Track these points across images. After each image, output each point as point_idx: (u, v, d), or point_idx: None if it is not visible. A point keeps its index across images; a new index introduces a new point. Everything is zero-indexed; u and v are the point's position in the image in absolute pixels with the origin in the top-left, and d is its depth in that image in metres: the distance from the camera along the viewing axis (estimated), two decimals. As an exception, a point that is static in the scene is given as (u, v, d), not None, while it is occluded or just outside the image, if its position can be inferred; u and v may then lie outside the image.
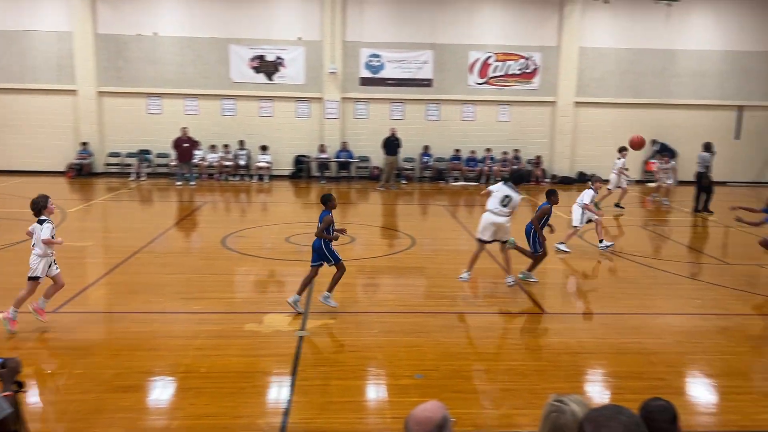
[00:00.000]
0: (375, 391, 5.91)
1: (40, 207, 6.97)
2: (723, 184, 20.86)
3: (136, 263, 10.11)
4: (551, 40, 21.53)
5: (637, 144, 12.84)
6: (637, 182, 21.95)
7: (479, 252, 9.10)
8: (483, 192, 9.24)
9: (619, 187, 16.18)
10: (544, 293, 9.17)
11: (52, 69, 20.67)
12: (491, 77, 21.68)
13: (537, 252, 9.17)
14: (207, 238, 12.56)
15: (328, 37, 20.94)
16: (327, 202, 8.10)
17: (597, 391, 6.02)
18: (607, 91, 21.89)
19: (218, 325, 7.39)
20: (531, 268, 9.32)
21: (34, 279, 6.96)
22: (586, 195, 11.41)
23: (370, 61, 21.35)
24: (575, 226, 11.52)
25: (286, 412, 5.31)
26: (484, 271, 10.16)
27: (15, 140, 20.84)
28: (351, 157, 21.21)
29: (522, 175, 8.75)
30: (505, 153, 21.67)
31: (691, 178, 21.48)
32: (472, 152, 21.64)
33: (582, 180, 21.75)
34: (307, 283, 7.98)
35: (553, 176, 21.92)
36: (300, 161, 21.54)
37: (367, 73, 21.44)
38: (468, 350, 6.84)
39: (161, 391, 5.76)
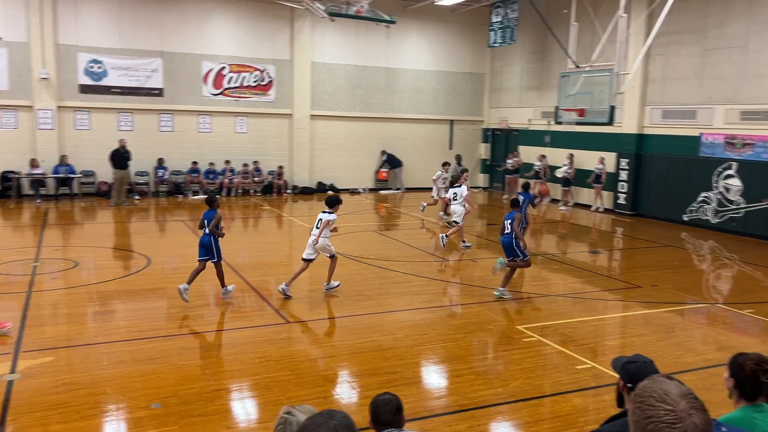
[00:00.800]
0: (105, 430, 5.35)
1: None
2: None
3: None
4: (284, 54, 22.01)
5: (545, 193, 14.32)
6: (371, 190, 23.55)
7: (303, 270, 9.41)
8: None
9: (440, 197, 16.61)
10: (287, 303, 9.26)
11: None
12: (226, 88, 21.38)
13: (526, 257, 9.49)
14: None
15: (36, 39, 18.59)
16: (213, 202, 8.99)
17: (340, 393, 6.23)
18: (339, 105, 23.10)
19: None
20: (505, 283, 9.54)
21: None
22: (464, 190, 13.28)
23: (91, 67, 19.50)
24: (457, 222, 13.07)
25: (-9, 474, 4.52)
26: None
27: None
28: (72, 172, 19.10)
29: (334, 199, 9.41)
30: (245, 165, 21.53)
31: (414, 185, 23.77)
32: (211, 164, 21.07)
33: (322, 190, 22.59)
34: (196, 275, 8.81)
35: (295, 187, 22.40)
36: (7, 178, 18.74)
37: (87, 80, 19.53)
38: (210, 370, 6.58)
39: None
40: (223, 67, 21.19)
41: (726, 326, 8.88)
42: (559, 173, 20.34)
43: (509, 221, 9.41)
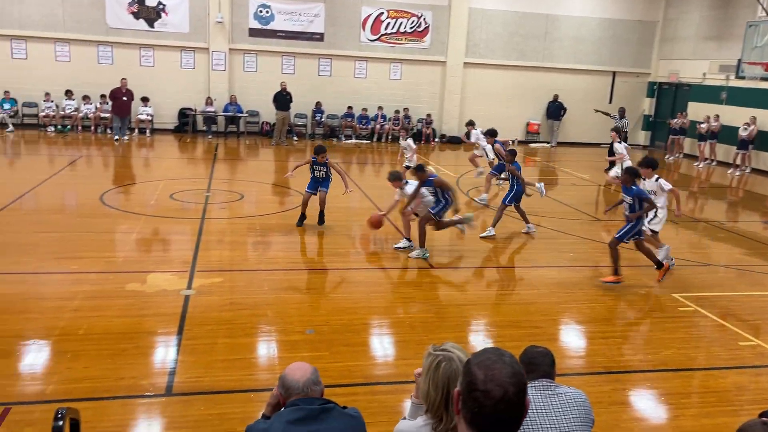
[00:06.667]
0: (264, 348, 5.88)
1: None
2: (599, 145, 22.26)
3: (0, 221, 9.33)
4: (442, 0, 21.71)
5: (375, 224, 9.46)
6: (520, 142, 22.95)
7: None
8: None
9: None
10: (431, 250, 9.44)
11: None
12: (383, 34, 21.59)
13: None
14: (84, 195, 11.75)
15: (212, -16, 19.88)
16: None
17: (479, 340, 6.33)
18: (494, 53, 22.48)
19: (97, 285, 7.00)
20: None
21: None
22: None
23: (260, 11, 20.54)
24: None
25: (172, 372, 5.17)
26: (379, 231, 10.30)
27: None
28: (240, 112, 20.50)
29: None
30: (396, 111, 21.81)
31: (566, 139, 22.80)
32: (364, 110, 21.60)
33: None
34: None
35: (443, 135, 22.40)
36: (185, 114, 20.55)
37: (256, 24, 20.64)
38: (358, 305, 6.94)
39: (34, 356, 5.41)
40: (382, 13, 21.36)
41: None
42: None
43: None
